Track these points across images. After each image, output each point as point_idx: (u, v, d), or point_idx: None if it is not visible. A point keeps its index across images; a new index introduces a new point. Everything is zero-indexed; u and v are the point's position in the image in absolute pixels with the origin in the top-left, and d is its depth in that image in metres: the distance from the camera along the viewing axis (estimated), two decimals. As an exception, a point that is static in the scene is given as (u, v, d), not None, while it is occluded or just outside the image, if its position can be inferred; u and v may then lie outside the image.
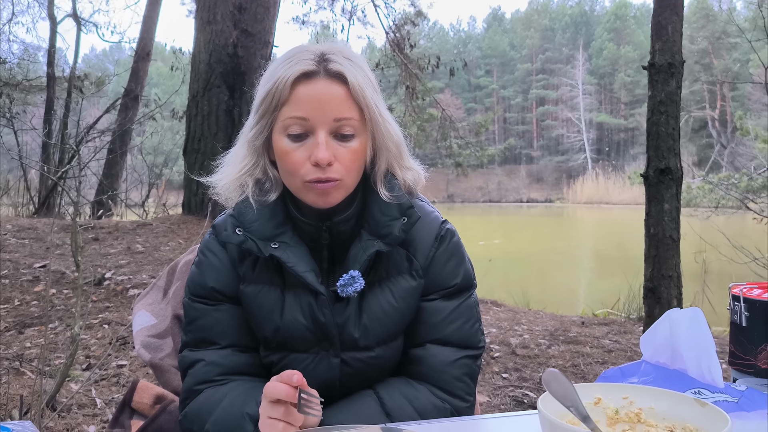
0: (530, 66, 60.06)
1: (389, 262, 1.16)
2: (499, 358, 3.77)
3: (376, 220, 1.13)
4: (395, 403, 1.13)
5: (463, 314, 1.19)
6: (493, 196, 50.23)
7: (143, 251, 6.21)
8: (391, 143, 1.15)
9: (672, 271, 3.17)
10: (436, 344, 1.17)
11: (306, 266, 1.12)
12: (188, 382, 1.17)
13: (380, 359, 1.17)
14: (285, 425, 0.96)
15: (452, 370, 1.16)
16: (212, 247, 1.20)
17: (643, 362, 1.16)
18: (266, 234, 1.12)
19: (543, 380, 0.79)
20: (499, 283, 8.95)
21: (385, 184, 1.15)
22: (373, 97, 1.11)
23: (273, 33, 7.83)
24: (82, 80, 12.10)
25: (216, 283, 1.17)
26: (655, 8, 3.36)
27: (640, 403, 0.91)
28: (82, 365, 3.53)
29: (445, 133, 11.94)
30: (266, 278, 1.16)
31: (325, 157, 1.05)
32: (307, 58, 1.08)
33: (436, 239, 1.19)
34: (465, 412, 1.17)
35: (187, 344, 1.19)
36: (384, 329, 1.15)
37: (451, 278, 1.19)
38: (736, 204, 9.59)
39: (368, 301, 1.15)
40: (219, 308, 1.18)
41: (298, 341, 1.15)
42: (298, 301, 1.14)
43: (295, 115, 1.07)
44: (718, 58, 44.99)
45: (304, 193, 1.10)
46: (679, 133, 3.15)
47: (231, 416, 1.09)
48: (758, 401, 1.00)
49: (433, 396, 1.15)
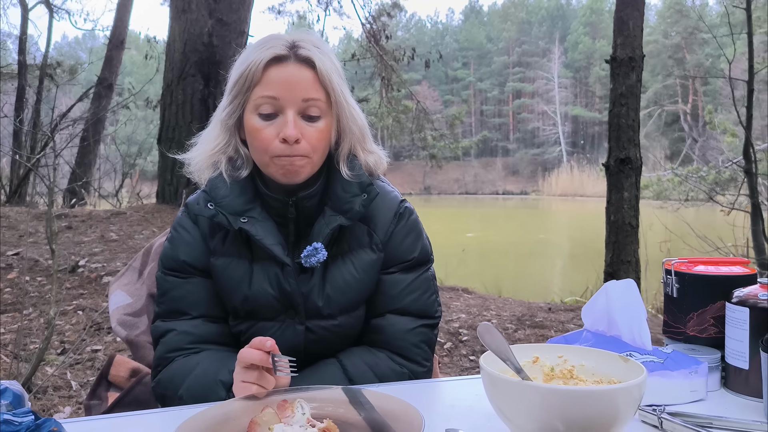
0: (507, 59, 60.34)
1: (351, 237, 1.24)
2: (467, 341, 3.89)
3: (339, 196, 1.22)
4: (357, 369, 1.22)
5: (421, 286, 1.28)
6: (469, 188, 50.48)
7: (117, 239, 6.21)
8: (354, 126, 1.23)
9: (630, 256, 3.31)
10: (395, 314, 1.26)
11: (273, 239, 1.20)
12: (160, 350, 1.24)
13: (343, 327, 1.25)
14: (258, 388, 1.03)
15: (410, 337, 1.25)
16: (184, 224, 1.28)
17: (584, 330, 1.26)
18: (236, 209, 1.20)
19: (478, 332, 0.88)
20: (472, 272, 9.09)
21: (347, 163, 1.24)
22: (339, 83, 1.20)
23: (248, 22, 7.83)
24: (55, 68, 11.95)
25: (187, 256, 1.25)
26: (617, 4, 3.49)
27: (572, 361, 1.01)
28: (57, 350, 3.57)
29: (420, 125, 12.02)
30: (235, 251, 1.23)
31: (293, 134, 1.14)
32: (279, 44, 1.17)
33: (395, 216, 1.28)
34: (422, 376, 1.26)
35: (159, 315, 1.26)
36: (346, 298, 1.23)
37: (409, 252, 1.28)
38: (705, 197, 9.83)
39: (331, 273, 1.23)
40: (190, 281, 1.25)
41: (266, 310, 1.23)
42: (266, 272, 1.22)
43: (266, 95, 1.16)
44: (691, 53, 45.64)
45: (272, 168, 1.18)
46: (639, 125, 3.29)
47: (204, 382, 1.16)
48: (681, 362, 1.10)
49: (392, 362, 1.24)
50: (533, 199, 43.03)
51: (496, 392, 0.89)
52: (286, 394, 1.03)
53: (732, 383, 1.14)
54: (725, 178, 10.87)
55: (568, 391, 0.84)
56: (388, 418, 0.93)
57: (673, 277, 1.25)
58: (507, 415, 0.89)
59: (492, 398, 0.90)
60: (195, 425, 0.93)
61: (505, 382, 0.86)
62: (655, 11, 51.26)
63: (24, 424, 0.86)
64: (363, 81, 11.74)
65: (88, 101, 12.12)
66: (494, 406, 0.90)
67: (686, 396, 1.08)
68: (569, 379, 0.99)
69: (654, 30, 46.49)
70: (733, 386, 1.13)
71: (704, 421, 0.98)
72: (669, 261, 1.29)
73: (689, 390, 1.09)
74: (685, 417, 0.98)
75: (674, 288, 1.25)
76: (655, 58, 44.08)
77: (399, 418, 0.93)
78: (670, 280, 1.26)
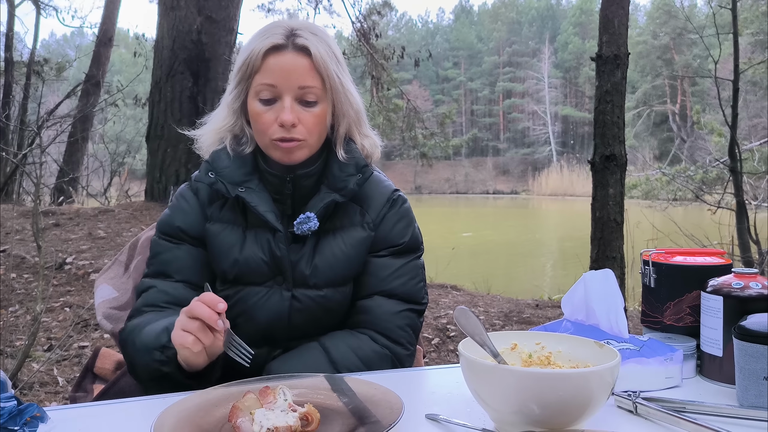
0: (497, 59, 60.49)
1: (344, 215, 1.31)
2: (454, 337, 3.91)
3: (335, 175, 1.28)
4: (339, 352, 1.24)
5: (409, 272, 1.33)
6: (460, 187, 50.59)
7: (105, 237, 6.19)
8: (350, 109, 1.30)
9: (615, 252, 3.35)
10: (383, 296, 1.30)
11: (267, 207, 1.26)
12: (138, 303, 1.30)
13: (328, 300, 1.29)
14: (195, 339, 1.03)
15: (396, 319, 1.29)
16: (185, 194, 1.35)
17: (564, 320, 1.29)
18: (235, 179, 1.27)
19: (454, 316, 0.90)
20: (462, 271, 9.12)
21: (343, 146, 1.31)
22: (335, 69, 1.26)
23: (237, 20, 7.82)
24: (42, 65, 11.86)
25: (182, 223, 1.32)
26: (602, 2, 3.53)
27: (550, 348, 1.03)
28: (44, 347, 3.56)
29: (410, 124, 12.04)
30: (231, 218, 1.30)
31: (290, 119, 1.21)
32: (278, 32, 1.24)
33: (388, 201, 1.34)
34: (406, 360, 1.29)
35: (147, 274, 1.33)
36: (333, 271, 1.28)
37: (399, 237, 1.33)
38: (693, 196, 9.90)
39: (321, 245, 1.29)
40: (180, 247, 1.31)
41: (255, 274, 1.27)
42: (258, 239, 1.28)
43: (265, 82, 1.23)
44: (679, 54, 45.94)
45: (272, 150, 1.26)
46: (624, 122, 3.33)
47: (154, 331, 1.17)
48: (657, 349, 1.13)
49: (375, 343, 1.26)
50: (523, 199, 43.18)
51: (474, 376, 0.90)
52: (269, 382, 1.04)
53: (707, 370, 1.16)
54: (712, 178, 10.94)
55: (542, 374, 0.86)
56: (369, 404, 0.95)
57: (650, 268, 1.27)
58: (484, 398, 0.90)
59: (470, 382, 0.92)
60: (176, 412, 0.94)
61: (482, 366, 0.88)
62: (644, 12, 51.60)
63: (6, 409, 0.87)
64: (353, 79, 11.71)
65: (75, 99, 12.04)
66: (472, 390, 0.92)
67: (661, 382, 1.10)
68: (546, 365, 1.01)
69: (643, 31, 46.79)
70: (707, 373, 1.16)
71: (678, 405, 1.00)
72: (647, 252, 1.31)
73: (664, 377, 1.11)
74: (660, 402, 1.00)
75: (652, 278, 1.27)
76: (644, 59, 44.35)
77: (379, 404, 0.94)
78: (647, 270, 1.28)
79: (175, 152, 7.12)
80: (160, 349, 1.13)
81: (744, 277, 1.14)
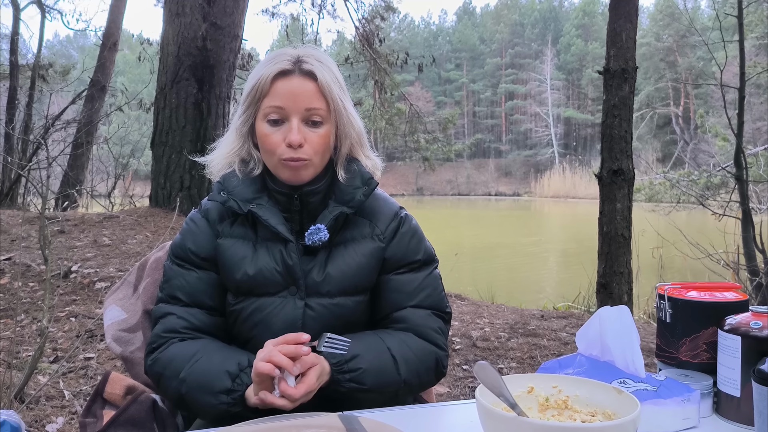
0: (499, 60, 60.51)
1: (354, 228, 1.36)
2: (460, 350, 3.90)
3: (342, 190, 1.34)
4: (393, 340, 1.31)
5: (431, 284, 1.40)
6: (462, 189, 50.61)
7: (110, 244, 6.19)
8: (352, 131, 1.36)
9: (623, 267, 3.34)
10: (413, 308, 1.36)
11: (278, 221, 1.31)
12: (158, 329, 1.33)
13: (342, 308, 1.32)
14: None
15: (430, 323, 1.36)
16: (194, 218, 1.41)
17: (578, 355, 1.28)
18: (246, 197, 1.33)
19: (474, 372, 0.90)
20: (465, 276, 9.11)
21: (344, 165, 1.37)
22: (338, 93, 1.32)
23: (242, 26, 7.81)
24: (47, 69, 11.88)
25: (193, 245, 1.36)
26: (610, 17, 3.51)
27: (567, 392, 1.02)
28: (50, 357, 3.56)
29: (413, 128, 12.04)
30: (241, 233, 1.35)
31: (297, 140, 1.27)
32: (285, 59, 1.31)
33: (395, 216, 1.41)
34: (444, 359, 1.36)
35: (161, 299, 1.37)
36: (345, 278, 1.32)
37: (414, 254, 1.39)
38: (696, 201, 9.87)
39: (333, 255, 1.34)
40: (193, 272, 1.35)
41: (269, 284, 1.31)
42: (270, 250, 1.32)
43: (273, 105, 1.29)
44: (683, 56, 45.89)
45: (280, 169, 1.31)
46: (632, 136, 3.32)
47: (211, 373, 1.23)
48: (675, 390, 1.12)
49: (420, 339, 1.33)
50: (525, 201, 43.18)
51: (492, 426, 0.90)
52: (284, 421, 1.04)
53: (724, 410, 1.15)
54: (716, 183, 10.90)
55: (562, 427, 0.85)
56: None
57: (666, 303, 1.26)
58: (503, 448, 0.90)
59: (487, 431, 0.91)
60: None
61: (501, 417, 0.87)
62: (648, 14, 51.52)
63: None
64: (356, 84, 11.74)
65: (80, 103, 12.06)
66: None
67: (678, 423, 1.10)
68: (564, 410, 1.01)
69: (646, 33, 46.73)
70: (724, 413, 1.15)
71: (696, 450, 0.99)
72: (662, 286, 1.30)
73: (681, 417, 1.10)
74: (678, 447, 0.99)
75: (667, 313, 1.26)
76: (648, 62, 44.31)
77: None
78: (663, 305, 1.27)
79: (180, 159, 7.11)
80: (226, 392, 1.20)
81: (762, 316, 1.13)
